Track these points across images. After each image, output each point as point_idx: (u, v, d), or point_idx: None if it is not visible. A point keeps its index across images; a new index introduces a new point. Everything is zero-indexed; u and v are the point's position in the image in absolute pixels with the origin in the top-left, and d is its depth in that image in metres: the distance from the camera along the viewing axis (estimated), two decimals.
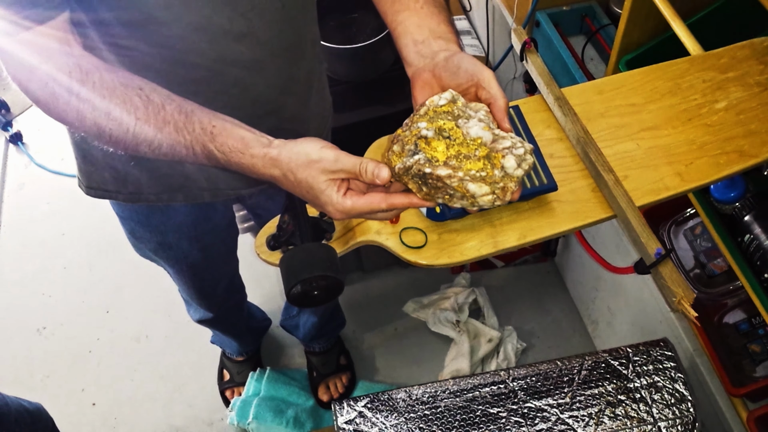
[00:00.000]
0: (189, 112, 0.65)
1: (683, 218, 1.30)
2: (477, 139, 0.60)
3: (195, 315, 1.41)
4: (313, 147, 0.62)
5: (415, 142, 0.61)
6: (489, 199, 0.60)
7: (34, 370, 1.77)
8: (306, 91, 0.91)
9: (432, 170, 0.59)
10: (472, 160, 0.60)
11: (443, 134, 0.61)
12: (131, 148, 0.66)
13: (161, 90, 0.66)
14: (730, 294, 1.23)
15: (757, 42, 0.86)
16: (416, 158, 0.60)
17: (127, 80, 0.65)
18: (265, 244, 0.75)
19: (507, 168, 0.60)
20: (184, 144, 0.65)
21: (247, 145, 0.64)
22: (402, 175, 0.62)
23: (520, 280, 1.83)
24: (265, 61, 0.79)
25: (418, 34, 0.71)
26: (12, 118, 2.32)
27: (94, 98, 0.63)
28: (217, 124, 0.65)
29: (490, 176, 0.59)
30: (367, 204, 0.62)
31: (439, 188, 0.60)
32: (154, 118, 0.64)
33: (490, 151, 0.60)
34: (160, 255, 1.09)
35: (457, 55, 0.68)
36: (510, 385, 1.04)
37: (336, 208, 0.62)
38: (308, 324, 1.52)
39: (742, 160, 0.77)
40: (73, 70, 0.63)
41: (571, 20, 1.55)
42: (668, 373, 1.04)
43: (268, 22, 0.75)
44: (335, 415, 1.03)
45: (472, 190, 0.59)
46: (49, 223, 2.06)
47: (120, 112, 0.64)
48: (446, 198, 0.62)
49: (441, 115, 0.62)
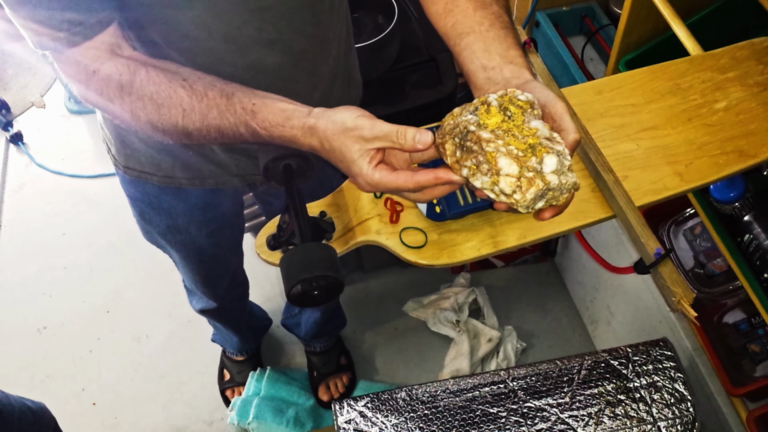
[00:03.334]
0: (230, 95, 0.66)
1: (683, 218, 1.30)
2: (534, 129, 0.58)
3: (197, 305, 1.41)
4: (349, 115, 0.62)
5: (476, 105, 0.60)
6: (511, 182, 0.57)
7: (35, 370, 1.77)
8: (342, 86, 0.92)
9: (476, 129, 0.57)
10: (518, 141, 0.58)
11: (506, 111, 0.59)
12: (185, 138, 0.69)
13: (205, 77, 0.68)
14: (729, 294, 1.23)
15: (757, 42, 0.86)
16: (468, 117, 0.59)
17: (171, 74, 0.67)
18: (265, 244, 0.75)
19: (545, 164, 0.57)
20: (230, 127, 0.67)
21: (288, 117, 0.64)
22: (445, 134, 0.60)
23: (520, 280, 1.83)
24: (295, 64, 0.80)
25: (487, 60, 0.68)
26: (12, 118, 2.32)
27: (143, 96, 0.66)
28: (257, 101, 0.66)
29: (525, 160, 0.57)
30: (394, 180, 0.61)
31: (473, 152, 0.58)
32: (198, 106, 0.66)
33: (539, 143, 0.58)
34: (168, 239, 1.09)
35: (530, 84, 0.65)
36: (510, 384, 1.04)
37: (366, 180, 0.62)
38: (310, 321, 1.53)
39: (741, 160, 0.77)
40: (123, 72, 0.66)
41: (570, 20, 1.55)
42: (668, 372, 1.04)
43: (297, 28, 0.76)
44: (335, 415, 1.03)
45: (501, 164, 0.56)
46: (50, 223, 2.06)
47: (168, 106, 0.66)
48: (472, 168, 0.59)
49: (514, 102, 0.60)
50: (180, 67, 0.68)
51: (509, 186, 0.57)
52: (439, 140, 0.61)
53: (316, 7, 0.77)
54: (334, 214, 0.78)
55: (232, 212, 1.12)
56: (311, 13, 0.77)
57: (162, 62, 0.68)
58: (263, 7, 0.71)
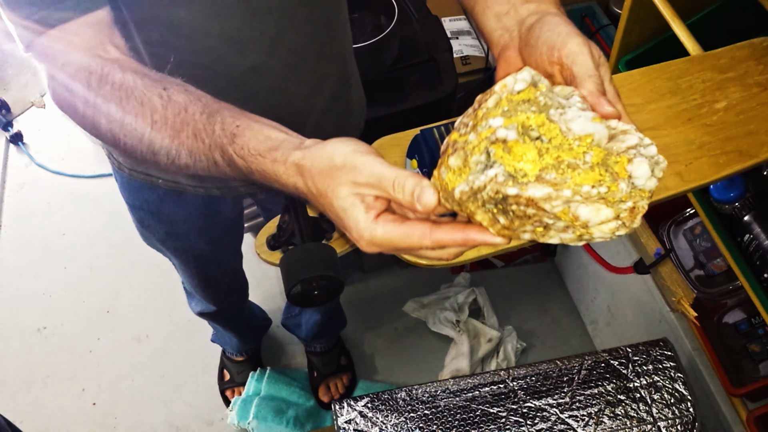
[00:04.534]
0: (213, 112, 0.54)
1: (683, 218, 1.30)
2: (586, 138, 0.41)
3: (197, 307, 1.41)
4: (340, 149, 0.47)
5: (486, 150, 0.41)
6: (611, 228, 0.41)
7: (35, 369, 1.77)
8: (340, 86, 0.90)
9: (519, 191, 0.40)
10: (582, 171, 0.40)
11: (531, 134, 0.41)
12: (149, 159, 0.57)
13: (194, 91, 0.57)
14: (729, 294, 1.23)
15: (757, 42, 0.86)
16: (491, 174, 0.40)
17: (152, 81, 0.57)
18: (265, 244, 0.75)
19: (637, 178, 0.41)
20: (203, 151, 0.54)
21: (271, 148, 0.50)
22: (466, 202, 0.43)
23: (520, 280, 1.83)
24: (296, 65, 0.78)
25: (502, 5, 0.56)
26: (12, 118, 2.32)
27: (108, 102, 0.56)
28: (241, 123, 0.53)
29: (612, 193, 0.40)
30: (404, 236, 0.45)
31: (529, 218, 0.42)
32: (171, 120, 0.55)
33: (607, 154, 0.41)
34: (167, 245, 1.09)
35: (544, 18, 0.51)
36: (510, 384, 1.04)
37: (362, 236, 0.46)
38: (311, 322, 1.52)
39: (741, 160, 0.77)
40: (94, 70, 0.57)
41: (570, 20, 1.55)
42: (668, 372, 1.04)
43: (297, 29, 0.74)
44: (335, 415, 1.03)
45: (585, 216, 0.40)
46: (50, 223, 2.06)
47: (134, 116, 0.55)
48: (538, 231, 0.43)
49: (521, 105, 0.42)
50: (167, 77, 0.58)
51: (609, 232, 0.42)
52: (456, 206, 0.44)
53: (317, 7, 0.76)
54: None
55: (232, 218, 1.11)
56: (312, 13, 0.75)
57: (150, 70, 0.59)
58: (264, 7, 0.70)
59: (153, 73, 0.59)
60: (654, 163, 0.42)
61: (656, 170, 0.42)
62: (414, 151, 0.71)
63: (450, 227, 0.45)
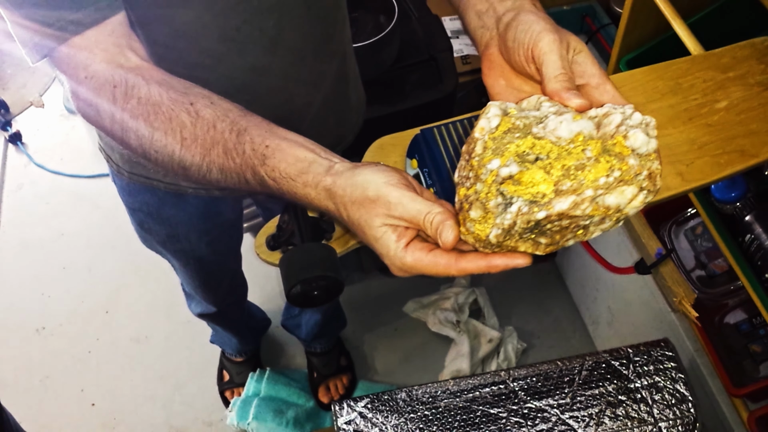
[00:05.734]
0: (242, 131, 0.54)
1: (684, 218, 1.30)
2: (577, 137, 0.44)
3: (196, 309, 1.41)
4: (374, 180, 0.48)
5: (499, 191, 0.44)
6: (640, 200, 0.44)
7: (34, 370, 1.76)
8: (339, 84, 0.89)
9: (547, 211, 0.42)
10: (591, 167, 0.42)
11: (528, 158, 0.43)
12: (182, 173, 0.58)
13: (221, 103, 0.57)
14: (730, 294, 1.23)
15: (758, 42, 0.86)
16: (514, 210, 0.43)
17: (178, 93, 0.57)
18: (265, 244, 0.74)
19: (639, 147, 0.43)
20: (234, 170, 0.55)
21: (302, 171, 0.52)
22: (504, 242, 0.45)
23: (521, 281, 1.83)
24: (296, 64, 0.78)
25: (482, 4, 0.56)
26: (11, 117, 2.32)
27: (135, 117, 0.56)
28: (271, 143, 0.53)
29: (626, 171, 0.43)
30: (432, 265, 0.48)
31: (567, 228, 0.45)
32: (202, 138, 0.55)
33: (603, 141, 0.44)
34: (167, 248, 1.09)
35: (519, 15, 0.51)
36: (510, 385, 1.04)
37: (393, 262, 0.49)
38: (311, 323, 1.52)
39: (743, 159, 0.76)
40: (118, 83, 0.57)
41: (571, 20, 1.55)
42: (669, 373, 1.04)
43: (297, 28, 0.74)
44: (335, 416, 1.03)
45: (614, 203, 0.43)
46: (49, 223, 2.05)
47: (163, 132, 0.56)
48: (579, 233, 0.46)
49: (505, 138, 0.44)
50: (194, 86, 0.58)
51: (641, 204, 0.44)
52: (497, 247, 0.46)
53: (316, 6, 0.75)
54: None
55: (232, 219, 1.11)
56: (312, 12, 0.75)
57: (173, 78, 0.59)
58: (263, 7, 0.69)
59: (177, 82, 0.58)
60: (645, 126, 0.44)
61: (650, 131, 0.44)
62: (414, 151, 0.71)
63: (474, 256, 0.47)
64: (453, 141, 0.70)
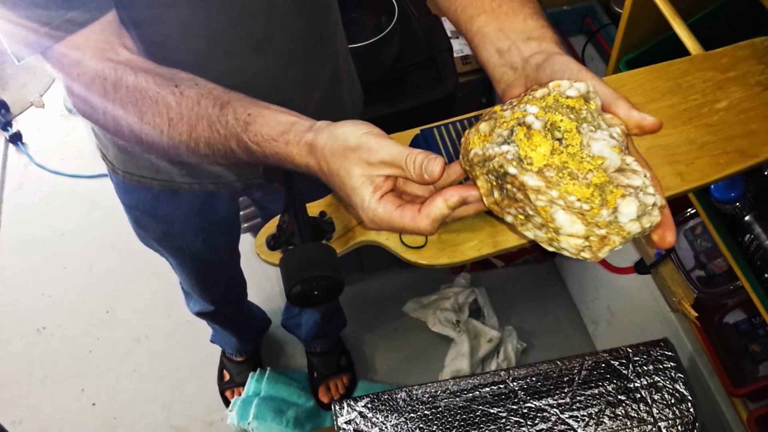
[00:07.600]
0: (224, 103, 0.57)
1: (683, 218, 1.30)
2: (598, 159, 0.43)
3: (194, 307, 1.41)
4: (353, 131, 0.51)
5: (511, 128, 0.45)
6: (577, 244, 0.43)
7: (34, 370, 1.77)
8: (334, 85, 0.89)
9: (518, 173, 0.43)
10: (579, 183, 0.43)
11: (555, 133, 0.44)
12: (172, 153, 0.61)
13: (204, 84, 0.60)
14: (730, 294, 1.23)
15: (758, 42, 0.86)
16: (504, 149, 0.44)
17: (163, 79, 0.59)
18: (265, 244, 0.74)
19: (621, 214, 0.42)
20: (220, 141, 0.57)
21: (284, 131, 0.54)
22: (475, 165, 0.47)
23: (520, 280, 1.83)
24: (285, 66, 0.78)
25: (502, 41, 0.57)
26: (11, 117, 2.32)
27: (126, 104, 0.58)
28: (252, 111, 0.56)
29: (593, 214, 0.42)
30: (399, 217, 0.50)
31: (516, 201, 0.45)
32: (187, 116, 0.58)
33: (608, 182, 0.43)
34: (164, 245, 1.09)
35: (553, 58, 0.53)
36: (510, 385, 1.04)
37: (366, 214, 0.51)
38: (311, 322, 1.52)
39: (742, 159, 0.77)
40: (108, 76, 0.59)
41: (571, 20, 1.55)
42: (668, 373, 1.04)
43: (287, 29, 0.74)
44: (335, 415, 1.03)
45: (560, 222, 0.42)
46: (49, 223, 2.05)
47: (151, 115, 0.58)
48: (518, 218, 0.46)
49: (563, 108, 0.45)
50: (180, 72, 0.61)
51: (574, 248, 0.44)
52: (467, 166, 0.49)
53: (305, 12, 0.75)
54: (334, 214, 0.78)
55: (228, 217, 1.11)
56: (301, 17, 0.75)
57: (160, 67, 0.61)
58: (249, 11, 0.69)
59: (164, 69, 0.61)
60: (645, 211, 0.43)
61: (644, 219, 0.43)
62: None
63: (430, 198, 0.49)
64: (453, 141, 0.71)
